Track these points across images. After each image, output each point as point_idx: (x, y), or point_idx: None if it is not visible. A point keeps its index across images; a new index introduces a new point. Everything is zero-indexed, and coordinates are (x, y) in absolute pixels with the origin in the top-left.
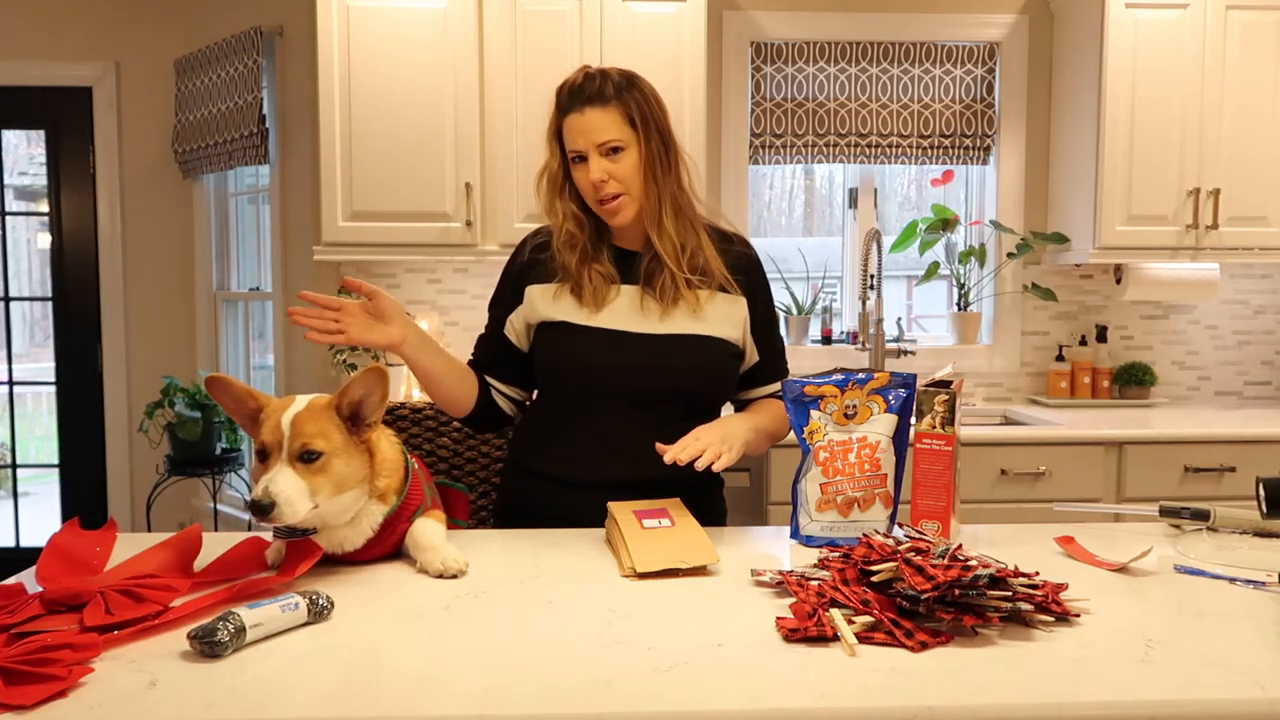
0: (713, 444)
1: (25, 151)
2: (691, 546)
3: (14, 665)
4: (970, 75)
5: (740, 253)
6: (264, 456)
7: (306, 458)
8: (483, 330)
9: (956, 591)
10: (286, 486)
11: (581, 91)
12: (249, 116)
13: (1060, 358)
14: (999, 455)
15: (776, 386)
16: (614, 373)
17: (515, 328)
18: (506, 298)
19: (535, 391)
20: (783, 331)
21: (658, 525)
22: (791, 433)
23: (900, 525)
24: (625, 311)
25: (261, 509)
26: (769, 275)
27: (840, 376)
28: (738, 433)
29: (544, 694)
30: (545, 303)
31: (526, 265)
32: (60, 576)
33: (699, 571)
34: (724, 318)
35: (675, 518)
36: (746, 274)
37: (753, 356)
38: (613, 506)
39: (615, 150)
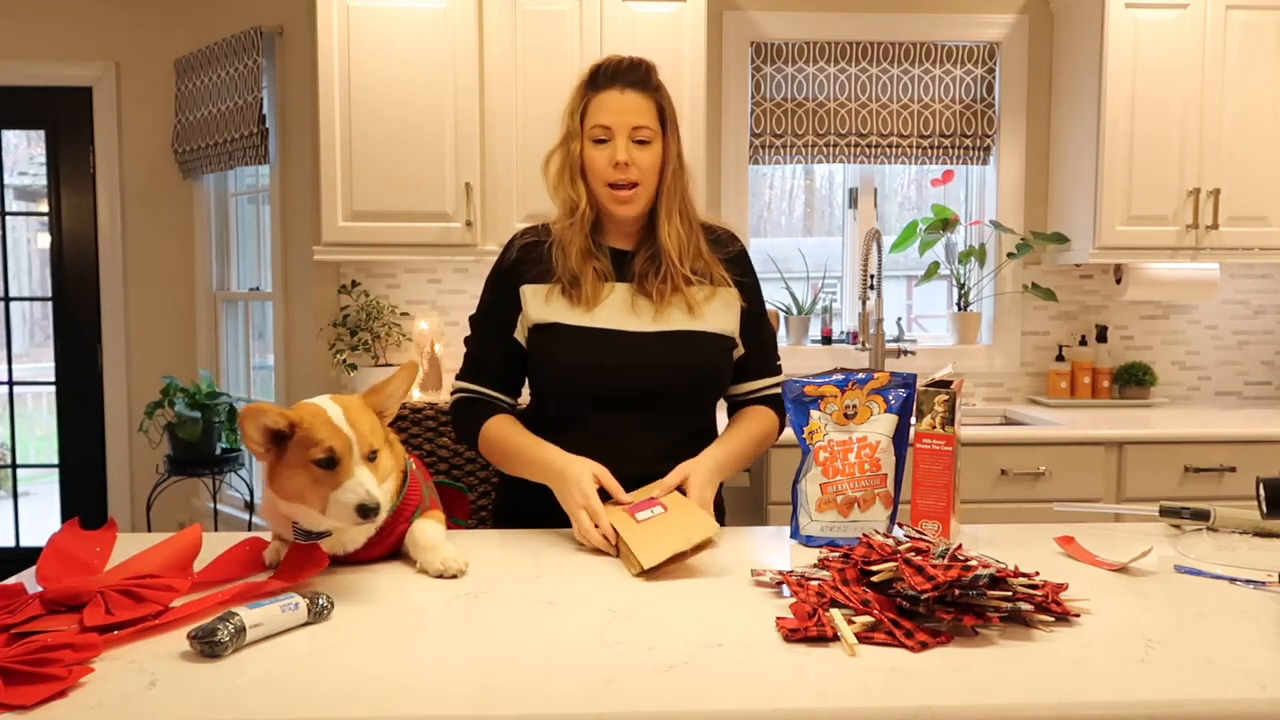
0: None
1: (25, 151)
2: (690, 525)
3: (14, 665)
4: (970, 75)
5: (731, 249)
6: (331, 464)
7: (372, 456)
8: (472, 337)
9: (956, 591)
10: (375, 487)
11: (625, 73)
12: (249, 116)
13: (1060, 358)
14: (999, 455)
15: (768, 381)
16: (608, 372)
17: (520, 331)
18: (503, 300)
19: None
20: (783, 331)
21: (651, 515)
22: (791, 432)
23: (900, 525)
24: (618, 310)
25: (372, 512)
26: (769, 275)
27: (840, 376)
28: (706, 482)
29: (544, 694)
30: (538, 305)
31: (517, 263)
32: (60, 576)
33: (705, 547)
34: (718, 314)
35: (666, 503)
36: (738, 269)
37: (741, 349)
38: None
39: (642, 142)
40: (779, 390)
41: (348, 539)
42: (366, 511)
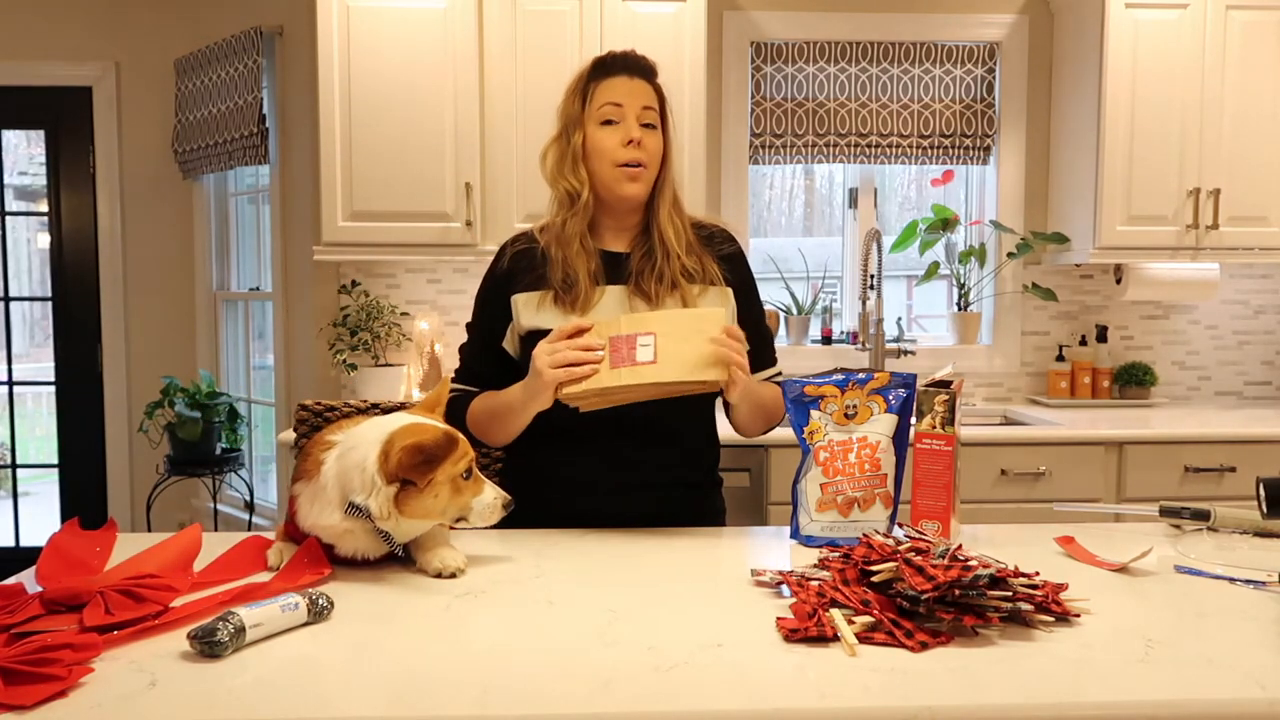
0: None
1: (25, 151)
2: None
3: (14, 665)
4: (970, 75)
5: (724, 247)
6: (469, 473)
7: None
8: (467, 343)
9: (956, 591)
10: None
11: (631, 62)
12: (249, 116)
13: (1060, 358)
14: (999, 455)
15: (769, 371)
16: None
17: (510, 341)
18: (493, 308)
19: None
20: (783, 331)
21: (650, 343)
22: (791, 432)
23: (900, 525)
24: (611, 313)
25: (513, 505)
26: (769, 275)
27: (840, 376)
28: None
29: (544, 694)
30: (529, 313)
31: (509, 272)
32: (60, 576)
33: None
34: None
35: (656, 334)
36: (731, 265)
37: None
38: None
39: (649, 126)
40: (779, 383)
41: (370, 546)
42: (510, 506)
